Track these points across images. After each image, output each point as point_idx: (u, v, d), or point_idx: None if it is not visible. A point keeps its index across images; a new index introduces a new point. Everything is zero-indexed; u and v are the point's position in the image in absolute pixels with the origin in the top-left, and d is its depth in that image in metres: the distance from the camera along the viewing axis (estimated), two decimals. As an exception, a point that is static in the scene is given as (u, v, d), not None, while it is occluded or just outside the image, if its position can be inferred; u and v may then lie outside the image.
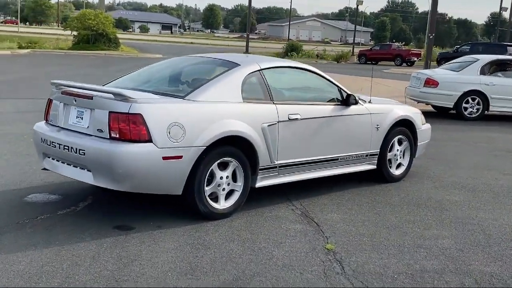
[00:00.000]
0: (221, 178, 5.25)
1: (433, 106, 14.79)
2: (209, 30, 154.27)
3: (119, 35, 48.49)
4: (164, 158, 4.83)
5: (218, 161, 5.21)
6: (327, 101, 6.34)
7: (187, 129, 4.92)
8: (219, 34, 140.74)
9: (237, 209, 5.46)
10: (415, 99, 14.25)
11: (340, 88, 6.41)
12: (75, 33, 46.07)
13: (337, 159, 6.33)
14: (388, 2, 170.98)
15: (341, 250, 4.72)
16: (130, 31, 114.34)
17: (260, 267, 4.28)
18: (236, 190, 5.43)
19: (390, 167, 7.02)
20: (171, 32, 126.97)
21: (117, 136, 4.78)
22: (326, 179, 6.59)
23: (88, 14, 44.42)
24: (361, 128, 6.52)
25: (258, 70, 5.73)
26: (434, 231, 5.29)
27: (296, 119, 5.79)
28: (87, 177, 4.93)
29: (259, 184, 5.63)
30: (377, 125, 6.67)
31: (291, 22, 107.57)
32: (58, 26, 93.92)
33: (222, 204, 5.33)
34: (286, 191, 6.28)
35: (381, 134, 6.74)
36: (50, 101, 5.57)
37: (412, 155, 7.27)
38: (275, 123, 5.60)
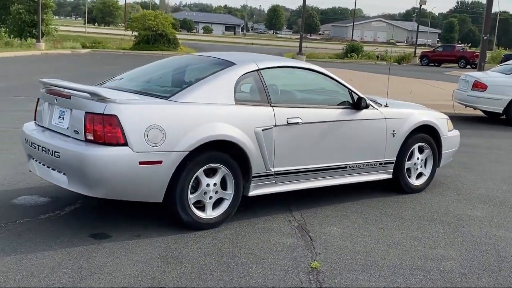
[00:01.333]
0: (208, 185, 4.89)
1: (483, 111, 13.94)
2: (272, 31, 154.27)
3: (182, 36, 49.09)
4: (141, 163, 4.51)
5: (204, 167, 4.86)
6: (337, 104, 5.88)
7: (167, 132, 4.59)
8: (281, 35, 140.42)
9: (227, 219, 5.09)
10: (462, 103, 13.46)
11: (351, 91, 5.92)
12: (136, 33, 46.94)
13: (345, 167, 5.85)
14: (457, 2, 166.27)
15: (327, 269, 4.27)
16: (194, 32, 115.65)
17: (229, 285, 3.90)
18: (226, 199, 5.06)
19: (409, 176, 6.47)
20: (234, 33, 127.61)
21: (92, 138, 4.50)
22: (339, 188, 6.13)
23: (148, 14, 45.13)
24: (374, 134, 6.01)
25: (256, 70, 5.33)
26: (440, 251, 4.76)
27: (297, 123, 5.36)
28: (62, 181, 4.68)
29: (253, 192, 5.23)
30: (393, 131, 6.14)
31: (356, 23, 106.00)
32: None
33: (209, 214, 4.97)
34: (289, 200, 5.86)
35: (398, 141, 6.20)
36: (38, 100, 5.37)
37: (436, 164, 6.68)
38: (271, 128, 5.19)
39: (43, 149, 4.80)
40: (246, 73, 5.26)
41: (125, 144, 4.45)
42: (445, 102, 14.90)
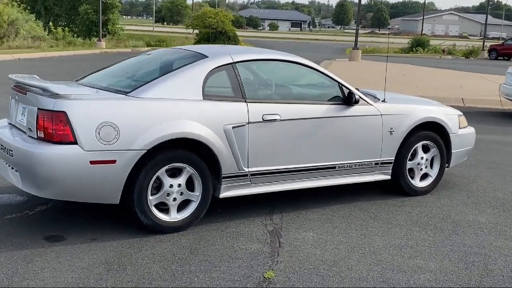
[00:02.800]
0: (171, 186, 4.60)
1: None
2: (339, 26, 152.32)
3: (247, 33, 49.03)
4: (92, 162, 4.27)
5: (166, 167, 4.57)
6: (327, 100, 5.45)
7: (121, 130, 4.33)
8: (349, 30, 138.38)
9: (194, 222, 4.78)
10: (509, 98, 12.57)
11: (342, 85, 5.48)
12: (197, 31, 47.33)
13: (334, 168, 5.42)
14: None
15: (281, 279, 3.90)
16: (260, 29, 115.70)
17: (162, 296, 3.60)
18: (193, 201, 4.75)
19: (413, 177, 5.95)
20: (300, 29, 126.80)
21: (43, 136, 4.30)
22: (336, 189, 5.75)
23: (208, 12, 45.31)
24: (368, 132, 5.54)
25: (230, 64, 4.99)
26: (419, 262, 4.28)
27: (274, 120, 4.99)
28: (17, 181, 4.50)
29: (225, 194, 4.91)
30: (391, 129, 5.65)
31: (426, 17, 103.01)
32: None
33: (174, 216, 4.68)
34: (274, 201, 5.50)
35: (396, 139, 5.71)
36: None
37: (444, 165, 6.12)
38: (244, 125, 4.84)
39: (2, 146, 4.66)
40: (218, 66, 4.93)
41: (75, 142, 4.22)
42: (495, 97, 14.01)
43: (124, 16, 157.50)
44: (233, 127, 4.78)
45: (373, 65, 26.44)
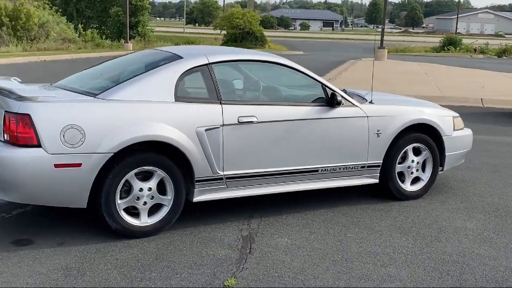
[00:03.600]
0: (141, 190, 4.51)
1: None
2: (372, 26, 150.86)
3: (276, 34, 48.94)
4: (57, 165, 4.21)
5: (136, 170, 4.48)
6: (311, 101, 5.30)
7: (87, 133, 4.25)
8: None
9: (166, 227, 4.68)
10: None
11: (325, 86, 5.32)
12: (224, 32, 47.48)
13: (317, 171, 5.26)
14: None
15: (242, 288, 3.77)
16: (291, 29, 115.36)
17: (113, 304, 3.51)
18: (164, 205, 4.66)
19: (403, 181, 5.75)
20: (332, 29, 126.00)
21: (8, 139, 4.25)
22: (325, 192, 5.63)
23: (236, 13, 45.41)
24: (353, 134, 5.37)
25: (205, 65, 4.88)
26: (391, 270, 4.10)
27: (251, 122, 4.86)
28: None
29: (198, 198, 4.80)
30: (378, 131, 5.46)
31: (461, 15, 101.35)
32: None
33: (144, 221, 4.59)
34: (259, 204, 5.39)
35: (384, 142, 5.52)
36: None
37: (437, 168, 5.90)
38: (218, 127, 4.72)
39: None
40: (192, 67, 4.83)
41: (39, 145, 4.17)
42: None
43: (158, 18, 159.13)
44: (206, 130, 4.66)
45: (398, 64, 26.05)
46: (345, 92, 5.70)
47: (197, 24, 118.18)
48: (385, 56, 28.89)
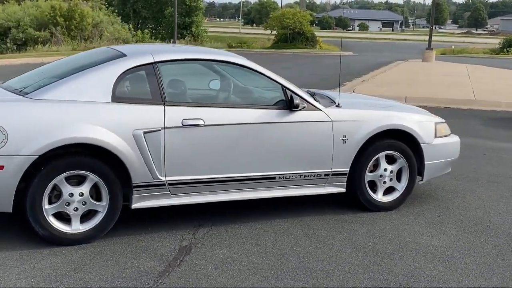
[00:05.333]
0: (72, 195, 4.30)
1: None
2: (435, 26, 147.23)
3: (331, 34, 48.39)
4: (-23, 168, 4.05)
5: (66, 174, 4.27)
6: (269, 104, 4.98)
7: (10, 134, 4.07)
8: (444, 30, 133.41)
9: (101, 234, 4.46)
10: None
11: (285, 88, 4.98)
12: (275, 32, 47.27)
13: (274, 178, 4.93)
14: None
15: (147, 304, 3.50)
16: (350, 30, 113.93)
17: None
18: (99, 211, 4.43)
19: (375, 191, 5.34)
20: (392, 30, 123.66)
21: None
22: (295, 200, 5.33)
23: (286, 13, 45.07)
24: (315, 140, 5.01)
25: (150, 64, 4.63)
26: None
27: (197, 125, 4.58)
28: None
29: (138, 205, 4.56)
30: (344, 136, 5.08)
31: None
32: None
33: (75, 227, 4.37)
34: (218, 211, 5.12)
35: (351, 148, 5.12)
36: None
37: (414, 177, 5.45)
38: (159, 130, 4.47)
39: None
40: (135, 66, 4.59)
41: (-42, 147, 4.02)
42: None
43: (218, 19, 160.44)
44: (144, 133, 4.42)
45: (444, 66, 25.11)
46: (313, 94, 5.35)
47: (254, 25, 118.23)
48: (432, 57, 27.95)
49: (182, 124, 4.53)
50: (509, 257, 4.40)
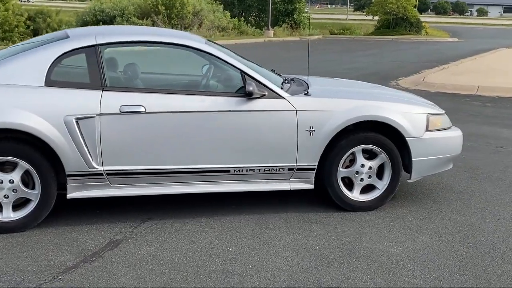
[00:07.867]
0: (1, 182, 4.17)
1: None
2: None
3: (448, 20, 46.28)
4: None
5: (-8, 161, 4.14)
6: (233, 91, 4.57)
7: None
8: None
9: (34, 223, 4.29)
10: None
11: (244, 73, 4.55)
12: (377, 17, 45.86)
13: (228, 171, 4.54)
14: None
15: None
16: (467, 15, 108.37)
17: None
18: (31, 200, 4.27)
19: (351, 189, 4.80)
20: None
21: None
22: (268, 194, 4.94)
23: (390, -3, 43.43)
24: (275, 131, 4.54)
25: (92, 46, 4.38)
26: (219, 300, 3.34)
27: (138, 112, 4.29)
28: None
29: (74, 195, 4.35)
30: (311, 128, 4.57)
31: None
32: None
33: (6, 215, 4.24)
34: (179, 204, 4.83)
35: (319, 141, 4.60)
36: None
37: (398, 175, 4.84)
38: (93, 116, 4.22)
39: None
40: (75, 49, 4.36)
41: None
42: None
43: (328, 5, 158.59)
44: (77, 119, 4.19)
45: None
46: (285, 80, 4.88)
47: (364, 11, 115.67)
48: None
49: (120, 111, 4.25)
50: (472, 271, 3.74)
